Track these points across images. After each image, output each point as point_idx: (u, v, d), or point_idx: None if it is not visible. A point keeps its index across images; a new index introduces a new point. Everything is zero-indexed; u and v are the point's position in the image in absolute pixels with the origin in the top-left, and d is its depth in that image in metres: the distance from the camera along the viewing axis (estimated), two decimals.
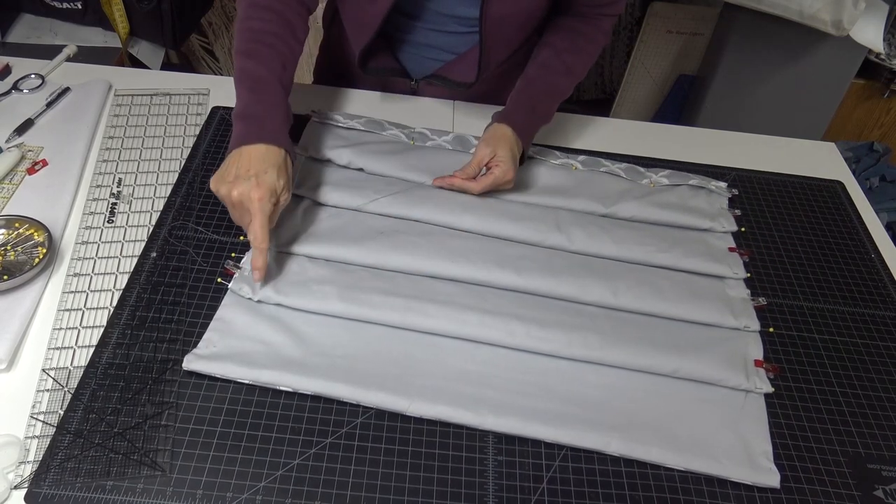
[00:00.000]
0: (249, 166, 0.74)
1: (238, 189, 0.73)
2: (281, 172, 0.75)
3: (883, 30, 1.56)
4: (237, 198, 0.73)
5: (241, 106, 0.79)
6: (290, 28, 0.84)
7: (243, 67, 0.81)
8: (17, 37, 1.46)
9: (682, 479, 0.68)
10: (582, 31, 0.97)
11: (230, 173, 0.74)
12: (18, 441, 0.64)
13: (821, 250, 0.93)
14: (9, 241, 0.78)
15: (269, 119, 0.78)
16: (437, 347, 0.75)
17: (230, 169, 0.74)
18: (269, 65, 0.81)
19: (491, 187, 0.88)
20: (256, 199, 0.72)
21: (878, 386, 0.78)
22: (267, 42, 0.82)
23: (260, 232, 0.73)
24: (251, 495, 0.62)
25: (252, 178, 0.73)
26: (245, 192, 0.72)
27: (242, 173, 0.73)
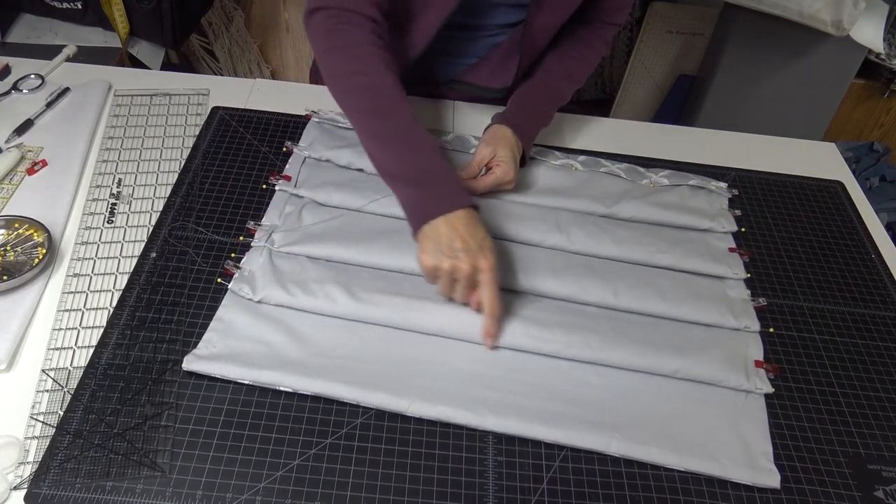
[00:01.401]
0: (467, 237, 0.72)
1: (467, 262, 0.71)
2: (488, 232, 0.74)
3: (883, 30, 1.56)
4: (468, 271, 0.71)
5: (402, 168, 0.76)
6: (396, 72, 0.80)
7: (384, 128, 0.77)
8: (17, 37, 1.46)
9: (682, 479, 0.68)
10: (585, 39, 0.98)
11: (445, 246, 0.72)
12: (18, 441, 0.63)
13: (821, 250, 0.93)
14: (8, 241, 0.78)
15: (452, 179, 0.76)
16: (437, 348, 0.74)
17: (441, 241, 0.72)
18: (410, 120, 0.77)
19: (492, 187, 0.88)
20: (488, 270, 0.72)
21: (878, 386, 0.78)
22: (393, 96, 0.78)
23: (496, 302, 0.72)
24: (251, 495, 0.62)
25: (476, 250, 0.72)
26: (477, 264, 0.71)
27: (460, 246, 0.71)
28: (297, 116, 1.00)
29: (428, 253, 0.73)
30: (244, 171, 0.92)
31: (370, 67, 0.79)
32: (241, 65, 2.12)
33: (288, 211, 0.85)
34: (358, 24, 0.80)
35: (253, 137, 0.97)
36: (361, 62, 0.79)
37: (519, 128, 0.90)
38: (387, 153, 0.77)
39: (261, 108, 1.02)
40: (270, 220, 0.84)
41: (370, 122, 0.78)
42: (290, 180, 0.89)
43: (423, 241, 0.74)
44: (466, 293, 0.74)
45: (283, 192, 0.88)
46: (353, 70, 0.79)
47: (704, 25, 1.93)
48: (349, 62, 0.80)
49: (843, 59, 1.69)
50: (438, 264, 0.72)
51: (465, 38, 0.97)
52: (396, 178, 0.77)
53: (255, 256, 0.80)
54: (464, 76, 1.00)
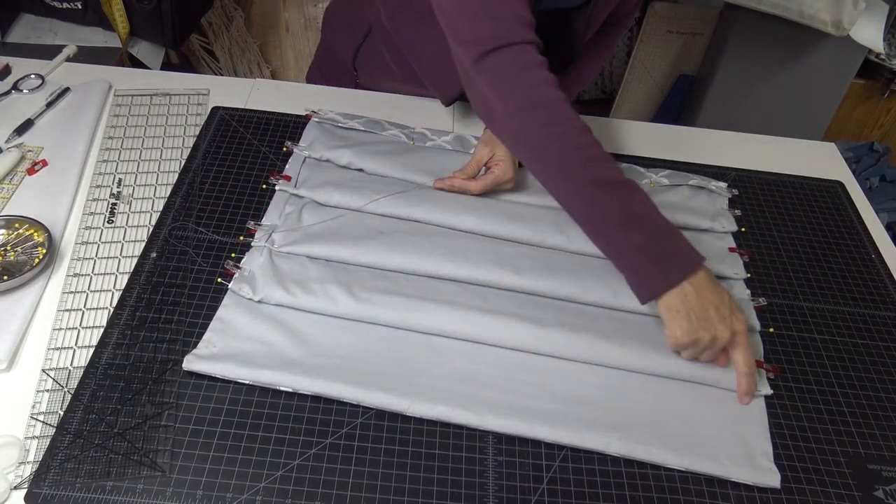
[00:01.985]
0: (717, 303, 0.71)
1: (728, 330, 0.71)
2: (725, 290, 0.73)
3: (883, 30, 1.56)
4: (728, 338, 0.71)
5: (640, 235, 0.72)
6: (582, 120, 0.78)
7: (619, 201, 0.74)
8: (17, 37, 1.46)
9: (682, 479, 0.68)
10: (595, 41, 0.98)
11: (701, 318, 0.70)
12: (18, 441, 0.63)
13: (821, 250, 0.93)
14: (8, 241, 0.78)
15: (684, 239, 0.73)
16: (437, 347, 0.74)
17: (695, 312, 0.70)
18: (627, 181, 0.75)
19: (491, 186, 0.88)
20: (742, 333, 0.72)
21: (878, 386, 0.78)
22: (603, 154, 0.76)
23: (751, 360, 0.72)
24: (251, 496, 0.62)
25: (730, 315, 0.71)
26: (736, 328, 0.71)
27: (714, 314, 0.70)
28: (297, 116, 1.00)
29: (681, 326, 0.70)
30: (244, 171, 0.92)
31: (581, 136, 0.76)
32: (241, 65, 2.12)
33: (288, 211, 0.85)
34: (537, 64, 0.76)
35: (253, 137, 0.97)
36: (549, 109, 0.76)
37: None
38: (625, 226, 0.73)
39: (261, 108, 1.02)
40: (270, 220, 0.84)
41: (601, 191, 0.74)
42: (290, 180, 0.89)
43: (672, 313, 0.71)
44: (714, 356, 0.73)
45: (283, 192, 0.88)
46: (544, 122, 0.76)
47: (704, 25, 1.93)
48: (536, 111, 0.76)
49: (843, 59, 1.69)
50: (699, 338, 0.70)
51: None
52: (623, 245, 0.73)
53: (255, 256, 0.80)
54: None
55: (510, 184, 0.88)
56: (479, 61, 0.76)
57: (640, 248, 0.72)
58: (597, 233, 0.76)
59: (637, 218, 0.73)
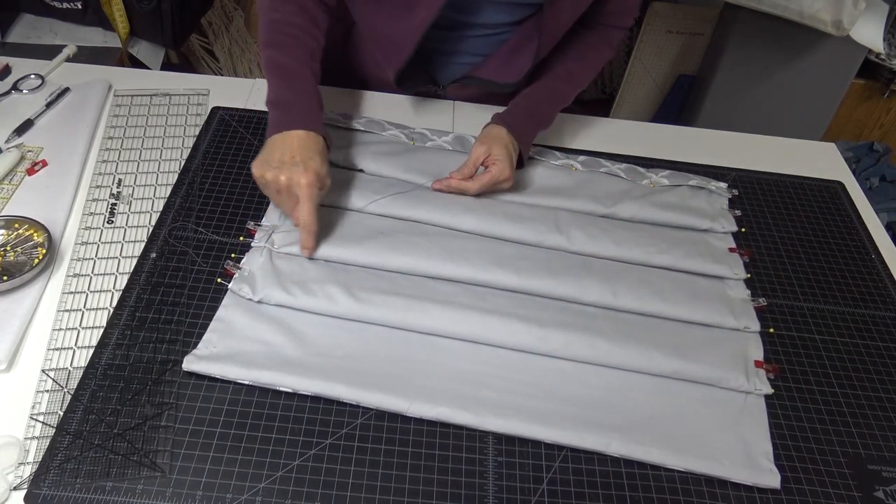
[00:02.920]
0: (294, 152, 0.76)
1: (286, 174, 0.75)
2: (324, 159, 0.78)
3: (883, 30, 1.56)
4: (285, 183, 0.75)
5: (273, 93, 0.82)
6: (313, 19, 0.86)
7: (272, 58, 0.83)
8: (16, 37, 1.46)
9: (682, 479, 0.68)
10: (589, 42, 0.98)
11: (274, 158, 0.76)
12: (18, 442, 0.63)
13: (821, 250, 0.93)
14: (8, 241, 0.78)
15: (306, 106, 0.81)
16: (437, 348, 0.74)
17: (273, 154, 0.76)
18: (298, 55, 0.84)
19: (489, 186, 0.87)
20: (305, 185, 0.75)
21: (878, 386, 0.78)
22: (292, 33, 0.84)
23: (310, 217, 0.76)
24: (251, 496, 0.62)
25: (300, 164, 0.75)
26: (294, 178, 0.75)
27: (288, 159, 0.76)
28: None
29: (257, 162, 0.78)
30: (244, 171, 0.92)
31: (285, 6, 0.85)
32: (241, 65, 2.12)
33: None
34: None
35: (253, 137, 0.97)
36: (281, 2, 0.86)
37: (515, 127, 0.90)
38: (270, 81, 0.83)
39: (261, 109, 1.01)
40: (270, 220, 0.84)
41: (267, 52, 0.84)
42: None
43: (261, 151, 0.79)
44: (290, 205, 0.78)
45: None
46: (271, 7, 0.86)
47: (704, 25, 1.93)
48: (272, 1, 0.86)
49: (843, 59, 1.69)
50: (262, 173, 0.77)
51: (462, 37, 0.96)
52: (268, 103, 0.82)
53: (255, 256, 0.80)
54: (472, 73, 1.00)
55: (508, 182, 0.88)
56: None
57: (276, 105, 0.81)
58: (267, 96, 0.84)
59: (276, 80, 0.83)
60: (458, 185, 0.88)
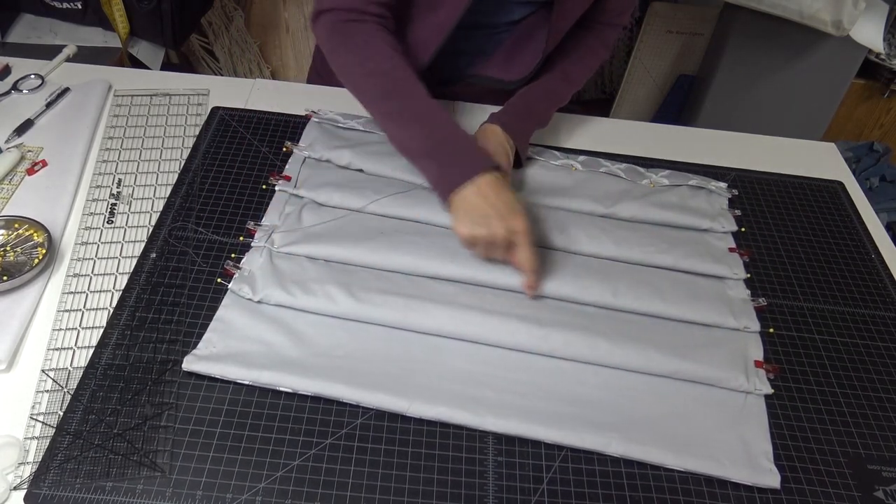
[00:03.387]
0: (492, 200, 0.74)
1: (501, 228, 0.73)
2: (515, 193, 0.76)
3: (883, 30, 1.56)
4: (503, 236, 0.74)
5: (420, 143, 0.78)
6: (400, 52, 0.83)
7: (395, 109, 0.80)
8: (16, 37, 1.46)
9: (682, 479, 0.68)
10: (585, 42, 0.99)
11: (477, 215, 0.74)
12: (18, 442, 0.63)
13: (821, 250, 0.93)
14: (8, 241, 0.78)
15: (469, 146, 0.78)
16: (437, 348, 0.75)
17: (475, 210, 0.74)
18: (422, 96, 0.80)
19: None
20: (523, 231, 0.74)
21: (878, 386, 0.78)
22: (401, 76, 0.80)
23: (534, 260, 0.76)
24: (251, 496, 0.62)
25: (507, 213, 0.74)
26: (510, 227, 0.74)
27: (492, 211, 0.74)
28: (297, 116, 1.00)
29: (463, 223, 0.75)
30: (244, 171, 0.92)
31: (375, 53, 0.81)
32: (241, 65, 2.12)
33: (288, 211, 0.85)
34: (362, 21, 0.82)
35: (253, 137, 0.97)
36: (367, 50, 0.81)
37: (510, 126, 0.90)
38: (404, 132, 0.80)
39: (261, 108, 1.02)
40: (270, 220, 0.84)
41: (383, 104, 0.81)
42: (290, 180, 0.89)
43: (456, 212, 0.76)
44: (501, 253, 0.76)
45: (283, 193, 0.88)
46: (359, 60, 0.82)
47: (704, 25, 1.93)
48: (355, 53, 0.82)
49: (843, 59, 1.69)
50: (475, 234, 0.75)
51: (479, 37, 0.96)
52: (417, 155, 0.79)
53: (255, 256, 0.80)
54: (477, 70, 1.00)
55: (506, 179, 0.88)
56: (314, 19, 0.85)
57: (430, 156, 0.78)
58: (399, 147, 0.82)
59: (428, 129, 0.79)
60: None
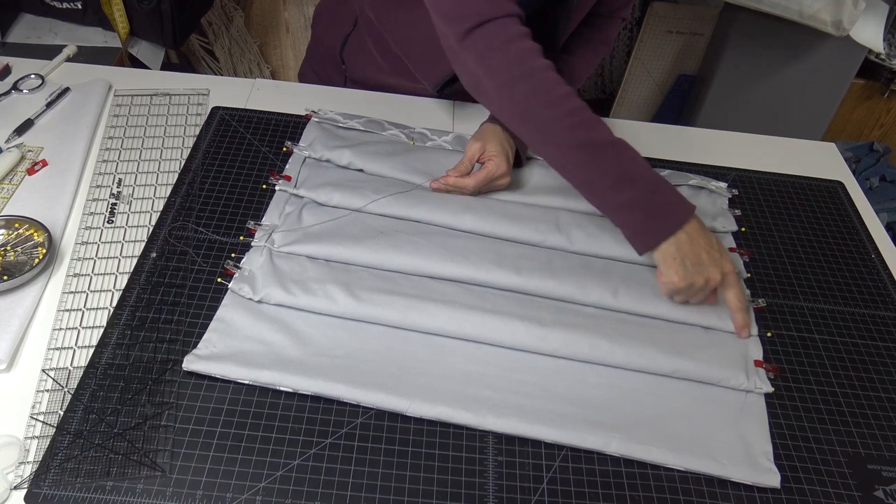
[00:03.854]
0: (702, 245, 0.76)
1: (714, 273, 0.76)
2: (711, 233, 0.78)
3: (883, 30, 1.57)
4: (717, 279, 0.76)
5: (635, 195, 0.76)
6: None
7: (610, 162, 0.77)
8: (17, 37, 1.46)
9: (682, 479, 0.68)
10: (585, 37, 0.99)
11: (689, 262, 0.75)
12: (18, 441, 0.64)
13: (821, 250, 0.93)
14: (8, 241, 0.78)
15: (670, 191, 0.78)
16: (437, 347, 0.75)
17: (686, 258, 0.75)
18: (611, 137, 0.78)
19: (484, 181, 0.87)
20: (732, 272, 0.77)
21: (878, 386, 0.78)
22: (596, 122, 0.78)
23: (742, 298, 0.78)
24: (251, 495, 0.62)
25: (717, 257, 0.76)
26: (724, 269, 0.76)
27: (706, 258, 0.76)
28: (297, 116, 1.00)
29: (678, 273, 0.75)
30: (244, 171, 0.92)
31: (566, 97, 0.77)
32: (241, 65, 2.12)
33: (288, 211, 0.85)
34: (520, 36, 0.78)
35: (253, 137, 0.97)
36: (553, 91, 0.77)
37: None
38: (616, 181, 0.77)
39: (261, 108, 1.02)
40: (270, 220, 0.84)
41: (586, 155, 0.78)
42: (290, 180, 0.89)
43: (668, 260, 0.76)
44: (705, 294, 0.78)
45: (283, 192, 0.88)
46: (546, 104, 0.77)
47: (704, 25, 1.93)
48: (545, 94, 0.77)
49: (843, 59, 1.69)
50: (693, 282, 0.76)
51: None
52: (635, 207, 0.77)
53: (255, 256, 0.80)
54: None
55: (505, 178, 0.88)
56: (464, 38, 0.78)
57: (634, 205, 0.77)
58: (592, 194, 0.80)
59: (629, 176, 0.77)
60: (455, 183, 0.87)
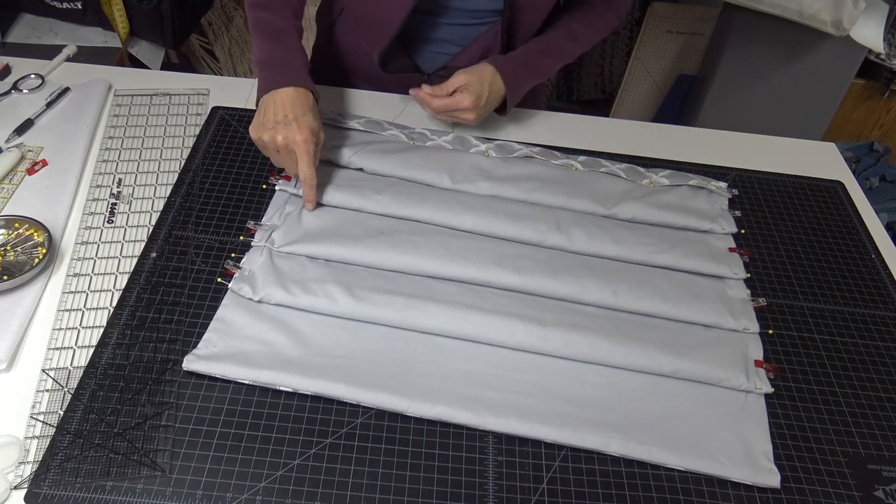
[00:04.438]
0: (286, 111, 0.79)
1: (282, 134, 0.78)
2: (315, 114, 0.81)
3: (883, 30, 1.56)
4: (282, 142, 0.79)
5: (261, 54, 0.85)
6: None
7: (258, 18, 0.87)
8: (17, 37, 1.46)
9: (682, 479, 0.68)
10: (595, 7, 1.02)
11: (268, 119, 0.79)
12: (18, 441, 0.64)
13: (821, 250, 0.93)
14: (8, 241, 0.78)
15: (293, 64, 0.83)
16: (437, 347, 0.75)
17: (267, 115, 0.80)
18: (283, 14, 0.87)
19: (446, 108, 0.92)
20: (301, 142, 0.78)
21: (878, 386, 0.78)
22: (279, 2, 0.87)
23: (308, 171, 0.80)
24: (251, 495, 0.62)
25: (293, 122, 0.78)
26: (290, 136, 0.78)
27: (281, 118, 0.79)
28: None
29: (254, 125, 0.81)
30: (244, 171, 0.92)
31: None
32: (241, 65, 2.12)
33: (288, 211, 0.85)
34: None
35: None
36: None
37: (505, 71, 0.93)
38: (256, 42, 0.87)
39: None
40: (270, 219, 0.84)
41: (253, 13, 0.88)
42: (290, 180, 0.89)
43: (256, 115, 0.82)
44: (291, 163, 0.81)
45: (283, 192, 0.88)
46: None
47: (704, 25, 1.93)
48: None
49: (843, 59, 1.69)
50: (259, 135, 0.80)
51: (439, 24, 0.98)
52: (258, 64, 0.86)
53: (255, 256, 0.80)
54: (452, 62, 1.02)
55: (469, 114, 0.92)
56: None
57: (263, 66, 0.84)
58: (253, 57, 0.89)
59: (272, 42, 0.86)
60: (424, 97, 0.93)
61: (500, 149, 0.97)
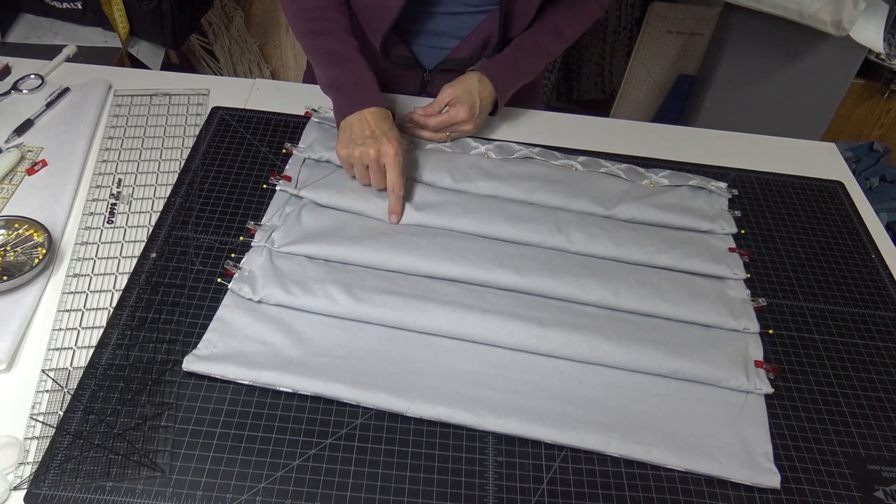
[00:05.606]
0: (373, 128, 0.84)
1: (373, 148, 0.82)
2: (396, 129, 0.85)
3: (883, 30, 1.56)
4: (374, 155, 0.82)
5: (329, 79, 0.90)
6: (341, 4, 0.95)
7: (315, 45, 0.92)
8: (16, 37, 1.46)
9: (682, 479, 0.68)
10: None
11: (357, 136, 0.84)
12: (18, 442, 0.64)
13: (821, 250, 0.93)
14: (8, 241, 0.78)
15: (368, 86, 0.88)
16: (437, 348, 0.75)
17: (355, 133, 0.84)
18: (342, 37, 0.91)
19: (444, 124, 0.94)
20: (392, 154, 0.82)
21: (878, 386, 0.78)
22: (329, 17, 0.92)
23: (399, 182, 0.83)
24: (251, 496, 0.62)
25: (382, 137, 0.83)
26: (382, 149, 0.82)
27: (369, 134, 0.83)
28: (297, 116, 1.00)
29: (342, 144, 0.85)
30: (244, 171, 0.92)
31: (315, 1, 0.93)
32: (241, 65, 2.12)
33: (288, 211, 0.85)
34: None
35: (253, 137, 0.97)
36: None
37: (492, 76, 0.95)
38: (322, 67, 0.91)
39: (261, 108, 1.02)
40: (270, 220, 0.84)
41: (309, 40, 0.93)
42: (290, 180, 0.89)
43: (340, 135, 0.86)
44: (378, 178, 0.84)
45: (283, 193, 0.88)
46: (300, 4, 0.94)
47: (704, 25, 1.92)
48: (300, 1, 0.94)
49: (843, 59, 1.69)
50: (350, 152, 0.84)
51: (438, 14, 0.99)
52: (327, 87, 0.91)
53: (255, 256, 0.80)
54: (451, 55, 1.03)
55: (466, 125, 0.94)
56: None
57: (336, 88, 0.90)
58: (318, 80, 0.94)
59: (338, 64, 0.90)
60: (419, 120, 0.94)
61: (499, 150, 0.97)
